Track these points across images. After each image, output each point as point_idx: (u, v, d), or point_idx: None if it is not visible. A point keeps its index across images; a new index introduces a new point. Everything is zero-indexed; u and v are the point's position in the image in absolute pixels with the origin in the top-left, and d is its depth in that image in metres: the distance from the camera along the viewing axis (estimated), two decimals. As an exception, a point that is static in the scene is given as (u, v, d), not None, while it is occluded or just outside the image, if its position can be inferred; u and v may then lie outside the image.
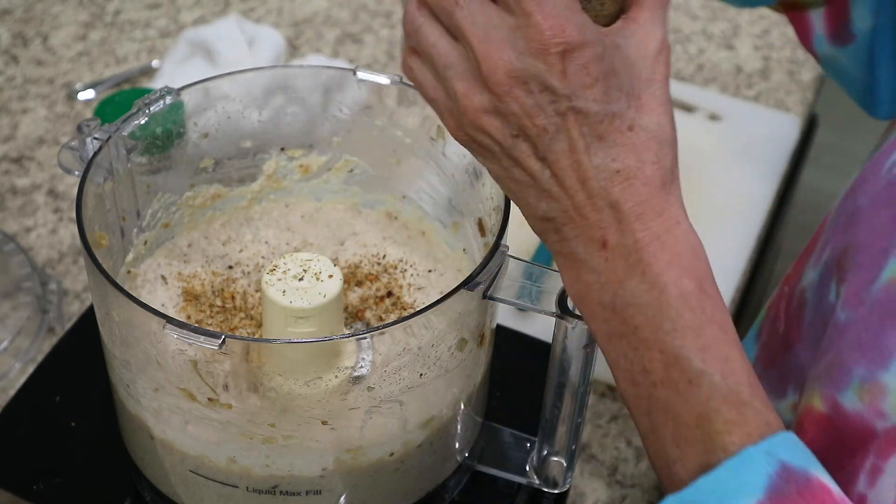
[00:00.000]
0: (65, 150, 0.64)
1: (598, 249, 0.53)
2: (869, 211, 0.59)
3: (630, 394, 0.54)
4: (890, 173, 0.59)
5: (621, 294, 0.53)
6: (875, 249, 0.56)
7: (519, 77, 0.51)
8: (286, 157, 0.74)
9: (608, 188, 0.52)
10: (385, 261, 0.72)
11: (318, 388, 0.60)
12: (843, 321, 0.56)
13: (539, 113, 0.52)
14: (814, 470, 0.50)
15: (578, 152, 0.52)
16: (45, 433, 0.72)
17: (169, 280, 0.70)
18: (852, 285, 0.57)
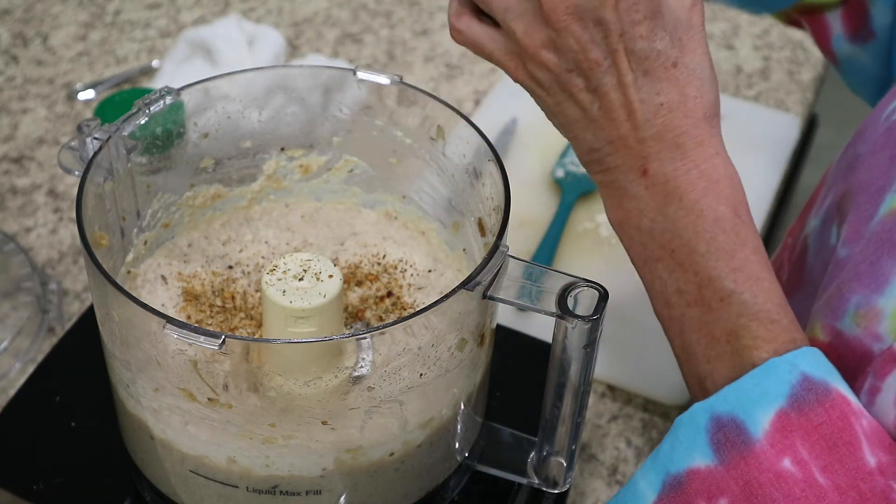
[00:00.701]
0: (65, 150, 0.64)
1: (639, 177, 0.57)
2: (868, 157, 0.62)
3: (664, 315, 0.58)
4: (888, 120, 0.62)
5: (659, 220, 0.56)
6: (872, 189, 0.59)
7: (576, 13, 0.55)
8: (286, 157, 0.74)
9: (652, 120, 0.56)
10: (385, 261, 0.72)
11: (318, 388, 0.60)
12: (842, 257, 0.59)
13: (592, 47, 0.56)
14: (834, 382, 0.53)
15: (626, 85, 0.56)
16: (45, 433, 0.72)
17: (169, 280, 0.70)
18: (851, 224, 0.59)
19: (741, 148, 1.11)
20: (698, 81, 0.57)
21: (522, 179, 1.05)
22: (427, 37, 1.24)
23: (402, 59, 1.20)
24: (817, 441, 0.51)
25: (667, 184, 0.56)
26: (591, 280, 0.59)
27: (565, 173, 1.05)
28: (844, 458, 0.51)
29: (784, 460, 0.51)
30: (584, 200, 1.03)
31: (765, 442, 0.51)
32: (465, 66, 1.20)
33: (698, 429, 0.54)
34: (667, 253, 0.57)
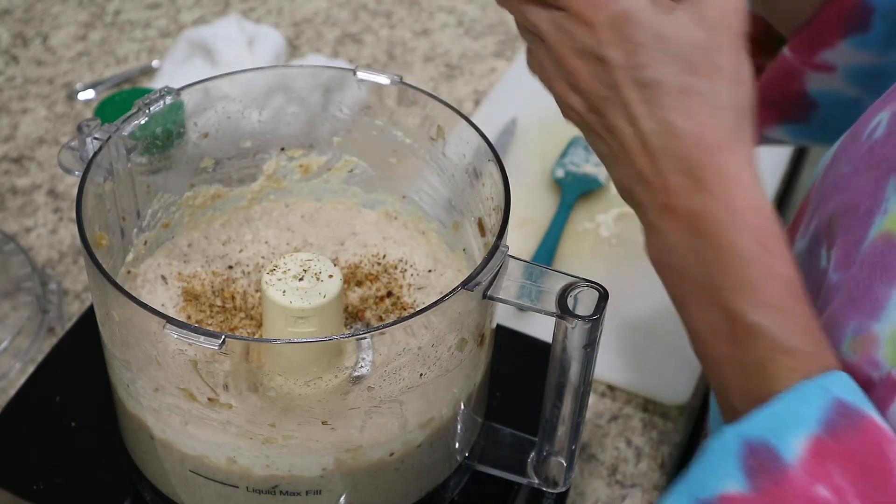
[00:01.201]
0: (65, 150, 0.64)
1: (663, 213, 0.56)
2: (852, 177, 0.60)
3: (701, 353, 0.56)
4: (870, 139, 0.60)
5: (688, 256, 0.55)
6: (861, 211, 0.58)
7: (578, 52, 0.55)
8: (286, 157, 0.74)
9: (665, 151, 0.55)
10: (385, 261, 0.72)
11: (318, 388, 0.60)
12: (835, 282, 0.58)
13: (597, 84, 0.55)
14: (866, 407, 0.51)
15: (636, 118, 0.55)
16: (45, 433, 0.72)
17: (169, 280, 0.70)
18: (841, 247, 0.58)
19: (741, 148, 1.11)
20: (710, 108, 0.55)
21: (522, 179, 1.05)
22: (427, 37, 1.24)
23: (402, 59, 1.20)
24: (852, 467, 0.50)
25: (690, 219, 0.55)
26: (591, 280, 0.59)
27: (565, 173, 1.05)
28: (880, 485, 0.50)
29: (819, 487, 0.50)
30: (584, 200, 1.03)
31: (799, 468, 0.50)
32: (465, 66, 1.20)
33: (730, 454, 0.52)
34: (697, 289, 0.55)
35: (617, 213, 1.03)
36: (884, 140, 0.59)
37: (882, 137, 0.59)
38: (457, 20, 1.26)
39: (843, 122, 0.78)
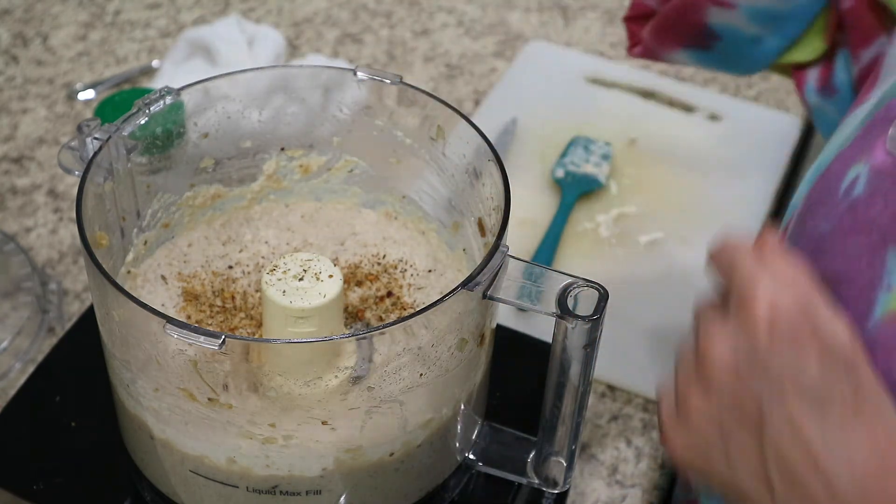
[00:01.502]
0: (65, 150, 0.64)
1: None
2: (836, 238, 0.58)
3: None
4: (849, 196, 0.59)
5: None
6: (860, 283, 0.56)
7: (733, 371, 0.51)
8: (286, 157, 0.74)
9: (850, 481, 0.48)
10: (385, 261, 0.72)
11: (318, 388, 0.60)
12: None
13: (751, 402, 0.50)
14: None
15: (809, 441, 0.49)
16: (45, 433, 0.72)
17: (169, 280, 0.70)
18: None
19: (741, 148, 1.11)
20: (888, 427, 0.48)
21: (522, 179, 1.05)
22: (427, 37, 1.24)
23: (402, 59, 1.20)
24: None
25: None
26: (591, 280, 0.59)
27: (565, 173, 1.05)
28: None
29: None
30: (584, 200, 1.03)
31: None
32: (465, 66, 1.20)
33: None
34: None
35: (617, 213, 1.03)
36: (867, 200, 0.57)
37: (864, 197, 0.58)
38: (457, 20, 1.26)
39: (745, 56, 0.81)
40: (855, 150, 0.61)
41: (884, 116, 0.60)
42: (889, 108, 0.60)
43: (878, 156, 0.58)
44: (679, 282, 0.97)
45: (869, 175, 0.58)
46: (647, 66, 1.21)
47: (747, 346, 0.50)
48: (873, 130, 0.60)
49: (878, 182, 0.57)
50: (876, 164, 0.58)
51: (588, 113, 1.13)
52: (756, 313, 0.50)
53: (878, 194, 0.57)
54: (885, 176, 0.57)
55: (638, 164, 1.08)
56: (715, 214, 1.04)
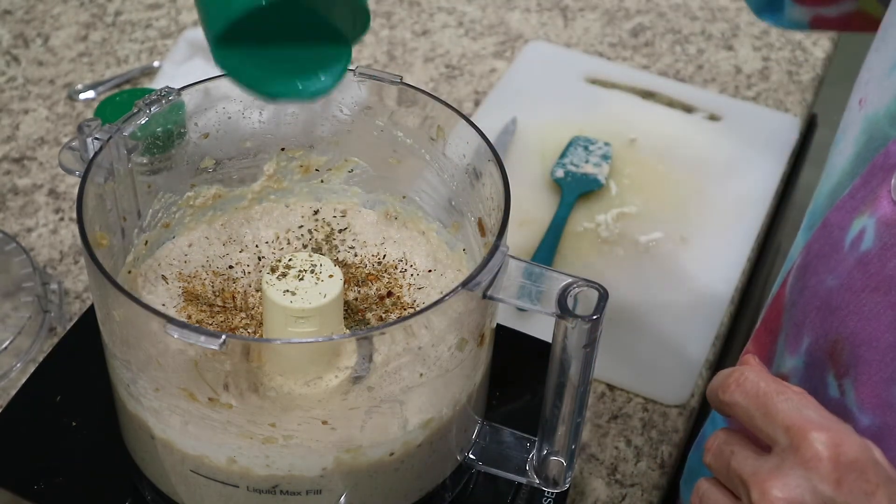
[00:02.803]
0: (66, 150, 0.64)
1: None
2: (847, 296, 0.57)
3: None
4: (856, 250, 0.57)
5: None
6: (882, 345, 0.54)
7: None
8: (286, 157, 0.74)
9: None
10: (385, 261, 0.72)
11: (318, 388, 0.60)
12: (868, 426, 0.55)
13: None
14: None
15: None
16: (46, 433, 0.72)
17: (169, 280, 0.70)
18: (867, 386, 0.55)
19: (741, 148, 1.11)
20: None
21: (522, 179, 1.05)
22: (427, 37, 1.24)
23: (402, 59, 1.20)
24: None
25: None
26: (591, 280, 0.59)
27: (565, 173, 1.05)
28: None
29: None
30: (584, 200, 1.03)
31: None
32: (464, 67, 1.20)
33: None
34: None
35: (617, 213, 1.03)
36: (879, 255, 0.56)
37: (876, 251, 0.56)
38: (457, 20, 1.26)
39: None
40: (856, 200, 0.59)
41: (882, 163, 0.58)
42: (888, 154, 0.58)
43: (885, 207, 0.56)
44: (679, 282, 0.97)
45: (877, 228, 0.56)
46: (647, 66, 1.22)
47: (815, 488, 0.49)
48: (873, 179, 0.58)
49: (888, 236, 0.56)
50: (884, 216, 0.56)
51: (588, 113, 1.13)
52: (819, 454, 0.49)
53: (893, 249, 0.55)
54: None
55: (638, 164, 1.08)
56: (715, 214, 1.04)
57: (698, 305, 0.96)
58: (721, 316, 0.96)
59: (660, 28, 1.27)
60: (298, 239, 0.74)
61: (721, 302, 0.97)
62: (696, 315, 0.95)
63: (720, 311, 0.96)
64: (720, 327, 0.95)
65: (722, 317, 0.96)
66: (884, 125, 0.61)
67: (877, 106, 0.62)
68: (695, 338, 0.93)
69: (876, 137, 0.61)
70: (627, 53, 1.23)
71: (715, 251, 1.01)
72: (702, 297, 0.97)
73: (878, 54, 0.66)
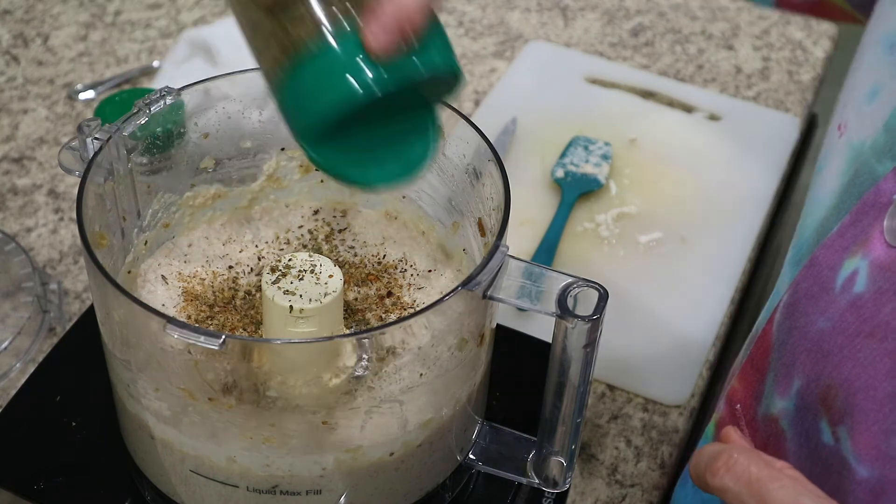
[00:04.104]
0: (65, 150, 0.64)
1: None
2: (840, 340, 0.56)
3: None
4: (848, 293, 0.56)
5: None
6: (879, 394, 0.53)
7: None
8: (286, 156, 0.74)
9: None
10: (385, 261, 0.72)
11: (318, 388, 0.60)
12: (867, 478, 0.54)
13: None
14: None
15: None
16: (46, 433, 0.72)
17: (169, 280, 0.70)
18: (864, 436, 0.54)
19: (741, 148, 1.11)
20: None
21: (522, 179, 1.05)
22: (427, 37, 1.24)
23: (402, 60, 1.20)
24: None
25: None
26: (591, 280, 0.59)
27: (565, 173, 1.05)
28: None
29: None
30: (584, 200, 1.03)
31: None
32: (464, 66, 1.20)
33: None
34: None
35: (617, 213, 1.03)
36: (874, 299, 0.55)
37: (870, 295, 0.55)
38: (457, 20, 1.26)
39: None
40: (846, 239, 0.57)
41: (873, 202, 0.56)
42: (878, 192, 0.56)
43: (878, 249, 0.55)
44: (679, 282, 0.97)
45: (870, 271, 0.55)
46: (647, 66, 1.21)
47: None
48: (863, 218, 0.57)
49: (883, 280, 0.54)
50: (877, 258, 0.55)
51: (588, 113, 1.13)
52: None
53: (888, 293, 0.54)
54: (891, 273, 0.54)
55: (638, 164, 1.08)
56: (715, 214, 1.04)
57: (698, 305, 0.96)
58: (721, 316, 0.96)
59: (660, 28, 1.27)
60: (298, 239, 0.74)
61: (721, 302, 0.97)
62: (696, 315, 0.95)
63: (720, 311, 0.96)
64: (720, 327, 0.95)
65: (722, 317, 0.96)
66: (870, 160, 0.59)
67: (861, 136, 0.61)
68: (695, 338, 0.93)
69: (862, 172, 0.60)
70: (627, 53, 1.23)
71: (715, 251, 1.01)
72: (702, 297, 0.97)
73: (856, 76, 0.64)
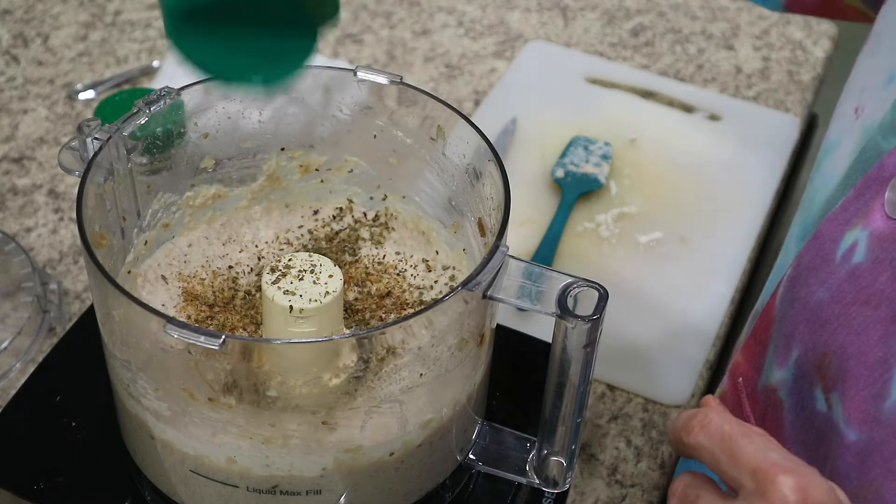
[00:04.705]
0: (65, 150, 0.64)
1: None
2: (837, 309, 0.57)
3: None
4: (848, 263, 0.57)
5: None
6: (870, 359, 0.54)
7: None
8: (286, 157, 0.74)
9: None
10: (385, 261, 0.72)
11: (318, 388, 0.60)
12: (855, 441, 0.54)
13: None
14: None
15: None
16: (46, 433, 0.72)
17: (169, 280, 0.70)
18: (854, 401, 0.55)
19: (741, 148, 1.11)
20: None
21: (522, 179, 1.05)
22: (427, 37, 1.24)
23: (402, 59, 1.20)
24: None
25: None
26: (591, 280, 0.59)
27: (565, 173, 1.05)
28: None
29: None
30: (584, 200, 1.03)
31: None
32: (464, 66, 1.20)
33: None
34: None
35: (617, 213, 1.03)
36: (871, 268, 0.55)
37: (867, 265, 0.56)
38: (457, 20, 1.26)
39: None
40: (849, 213, 0.58)
41: (876, 176, 0.57)
42: (882, 167, 0.57)
43: (878, 221, 0.56)
44: (679, 282, 0.97)
45: (869, 241, 0.56)
46: (647, 65, 1.21)
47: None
48: (866, 192, 0.57)
49: (880, 250, 0.55)
50: (876, 229, 0.56)
51: (588, 113, 1.13)
52: (787, 498, 0.48)
53: (884, 263, 0.55)
54: (889, 243, 0.55)
55: (638, 164, 1.08)
56: (715, 214, 1.04)
57: (698, 305, 0.96)
58: (721, 316, 0.96)
59: (660, 28, 1.27)
60: (298, 239, 0.74)
61: (721, 302, 0.97)
62: (696, 315, 0.95)
63: (720, 311, 0.96)
64: (720, 327, 0.95)
65: (722, 317, 0.96)
66: (876, 137, 0.60)
67: (874, 117, 0.62)
68: (695, 338, 0.93)
69: (868, 149, 0.60)
70: (627, 53, 1.23)
71: (715, 251, 1.01)
72: (702, 297, 0.97)
73: (873, 60, 0.65)
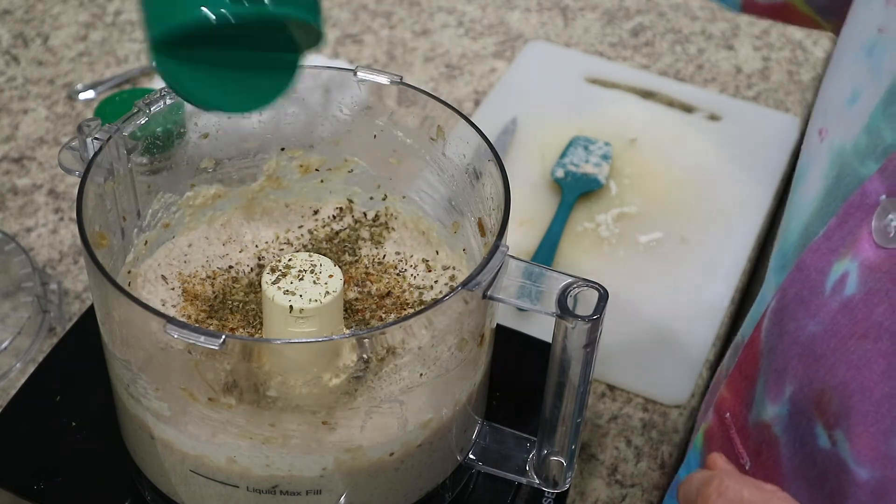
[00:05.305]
0: (65, 150, 0.64)
1: None
2: (833, 343, 0.56)
3: None
4: (839, 295, 0.56)
5: None
6: (875, 395, 0.53)
7: None
8: (286, 157, 0.74)
9: None
10: (385, 261, 0.72)
11: (318, 388, 0.60)
12: (867, 480, 0.54)
13: None
14: None
15: None
16: (46, 433, 0.72)
17: (169, 280, 0.70)
18: (862, 437, 0.54)
19: (741, 148, 1.11)
20: None
21: (522, 179, 1.05)
22: (427, 37, 1.24)
23: (402, 59, 1.20)
24: None
25: None
26: (591, 280, 0.59)
27: (565, 173, 1.05)
28: None
29: None
30: (584, 200, 1.03)
31: None
32: (465, 66, 1.20)
33: None
34: None
35: (617, 213, 1.03)
36: (865, 300, 0.54)
37: (861, 297, 0.55)
38: (457, 20, 1.26)
39: None
40: (833, 241, 0.57)
41: (859, 203, 0.56)
42: (864, 193, 0.56)
43: (867, 250, 0.55)
44: (679, 282, 0.97)
45: (860, 272, 0.55)
46: (647, 65, 1.21)
47: None
48: (849, 220, 0.56)
49: (873, 281, 0.54)
50: (866, 259, 0.55)
51: (588, 113, 1.13)
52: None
53: (879, 294, 0.54)
54: (882, 274, 0.54)
55: (638, 164, 1.08)
56: (715, 214, 1.04)
57: (698, 305, 0.96)
58: (721, 316, 0.96)
59: (660, 28, 1.27)
60: (298, 239, 0.74)
61: (721, 302, 0.97)
62: (696, 315, 0.95)
63: (720, 311, 0.96)
64: (720, 327, 0.95)
65: (722, 317, 0.96)
66: (852, 162, 0.59)
67: (842, 139, 0.61)
68: (695, 338, 0.93)
69: (845, 174, 0.60)
70: (627, 53, 1.23)
71: (715, 251, 1.01)
72: (702, 297, 0.96)
73: (834, 83, 0.64)
